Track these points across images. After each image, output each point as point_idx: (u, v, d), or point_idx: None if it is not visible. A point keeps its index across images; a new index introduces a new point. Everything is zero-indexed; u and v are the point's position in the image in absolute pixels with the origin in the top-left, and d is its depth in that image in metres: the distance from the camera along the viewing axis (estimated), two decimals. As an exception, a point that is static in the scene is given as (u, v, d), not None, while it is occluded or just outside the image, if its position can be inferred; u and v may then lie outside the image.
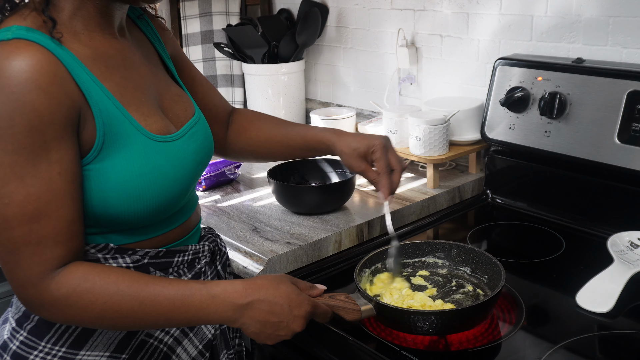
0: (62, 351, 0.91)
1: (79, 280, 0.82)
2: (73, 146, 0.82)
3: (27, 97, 0.77)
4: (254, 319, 0.87)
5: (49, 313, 0.84)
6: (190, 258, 1.00)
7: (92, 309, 0.83)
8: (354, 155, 1.12)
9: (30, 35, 0.79)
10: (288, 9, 2.16)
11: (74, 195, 0.82)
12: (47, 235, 0.80)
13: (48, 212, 0.80)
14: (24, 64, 0.77)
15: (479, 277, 1.12)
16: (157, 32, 1.08)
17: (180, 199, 0.96)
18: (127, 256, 0.91)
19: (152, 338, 0.97)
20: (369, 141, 1.12)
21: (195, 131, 1.00)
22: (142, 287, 0.85)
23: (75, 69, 0.83)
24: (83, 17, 0.88)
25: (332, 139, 1.15)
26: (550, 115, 1.38)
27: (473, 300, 1.07)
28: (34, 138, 0.78)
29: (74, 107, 0.82)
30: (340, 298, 0.99)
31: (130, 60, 0.94)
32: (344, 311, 0.98)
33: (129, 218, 0.89)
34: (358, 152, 1.12)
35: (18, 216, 0.79)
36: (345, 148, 1.13)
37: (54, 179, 0.80)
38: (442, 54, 1.75)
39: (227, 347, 1.07)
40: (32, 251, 0.80)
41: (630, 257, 1.16)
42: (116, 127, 0.86)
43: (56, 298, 0.82)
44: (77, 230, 0.84)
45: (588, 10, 1.42)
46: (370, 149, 1.12)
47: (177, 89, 1.04)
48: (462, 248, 1.16)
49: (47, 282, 0.81)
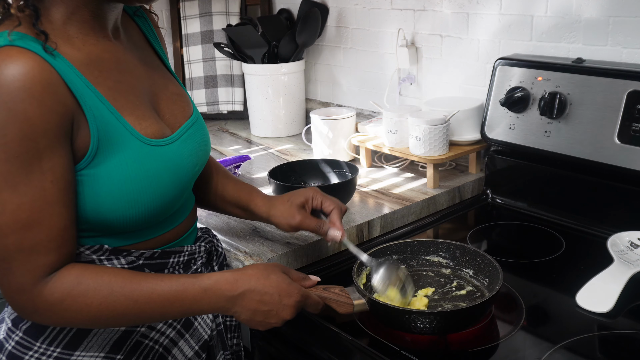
0: (57, 352, 0.91)
1: (72, 283, 0.83)
2: (66, 154, 0.82)
3: (20, 106, 0.76)
4: (245, 307, 0.90)
5: (43, 318, 0.84)
6: (186, 259, 1.00)
7: (87, 312, 0.83)
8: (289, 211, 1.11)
9: (23, 42, 0.79)
10: (288, 9, 2.16)
11: (67, 203, 0.83)
12: (40, 243, 0.81)
13: (41, 220, 0.80)
14: (17, 72, 0.76)
15: (480, 280, 1.12)
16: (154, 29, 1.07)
17: (175, 202, 0.96)
18: (122, 257, 0.91)
19: (148, 339, 0.97)
20: (303, 192, 1.13)
21: (192, 132, 0.99)
22: (135, 286, 0.85)
23: (69, 75, 0.82)
24: (77, 22, 0.87)
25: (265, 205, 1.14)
26: (550, 115, 1.37)
27: (469, 302, 1.07)
28: (27, 147, 0.78)
29: (67, 115, 0.81)
30: (334, 290, 1.00)
31: (124, 62, 0.93)
32: (336, 304, 0.99)
33: (123, 222, 0.88)
34: (294, 204, 1.11)
35: (10, 224, 0.79)
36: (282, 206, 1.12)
37: (46, 187, 0.80)
38: (442, 54, 1.75)
39: (223, 347, 1.07)
40: (25, 258, 0.80)
41: (630, 257, 1.16)
42: (110, 132, 0.85)
43: (50, 303, 0.82)
44: (70, 237, 0.84)
45: (588, 10, 1.42)
46: (308, 198, 1.12)
47: (175, 87, 1.03)
48: (465, 249, 1.16)
49: (39, 288, 0.82)
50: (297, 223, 1.10)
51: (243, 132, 2.12)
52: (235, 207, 1.18)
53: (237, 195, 1.17)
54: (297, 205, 1.11)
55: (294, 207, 1.11)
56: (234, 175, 1.26)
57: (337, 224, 1.10)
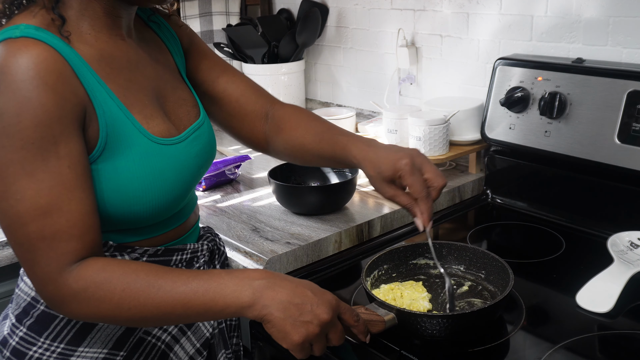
0: (60, 347, 0.92)
1: (97, 270, 0.81)
2: (80, 140, 0.82)
3: (34, 93, 0.77)
4: (274, 299, 0.80)
5: (70, 309, 0.82)
6: (189, 257, 1.00)
7: (110, 299, 0.81)
8: (379, 179, 0.99)
9: (37, 34, 0.80)
10: (288, 9, 2.16)
11: (85, 189, 0.82)
12: (61, 229, 0.80)
13: (60, 205, 0.80)
14: (31, 62, 0.77)
15: (474, 273, 1.12)
16: (174, 31, 1.07)
17: (179, 201, 0.96)
18: (126, 254, 0.92)
19: (150, 335, 0.97)
20: (395, 163, 0.97)
21: (198, 135, 0.99)
22: (160, 274, 0.82)
23: (81, 69, 0.83)
24: (90, 17, 0.88)
25: (359, 156, 1.01)
26: (550, 115, 1.38)
27: (477, 296, 1.07)
28: (42, 133, 0.78)
29: (80, 105, 0.82)
30: (361, 311, 0.94)
31: (135, 62, 0.94)
32: (368, 324, 0.92)
33: (128, 219, 0.89)
34: (383, 176, 0.98)
35: (31, 211, 0.79)
36: (371, 171, 0.99)
37: (63, 172, 0.80)
38: (442, 54, 1.75)
39: (225, 346, 1.07)
40: (48, 246, 0.80)
41: (630, 257, 1.16)
42: (119, 128, 0.86)
43: (75, 291, 0.80)
44: (92, 224, 0.83)
45: (588, 10, 1.42)
46: (397, 173, 0.97)
47: (184, 92, 1.03)
48: (476, 252, 1.14)
49: (65, 277, 0.80)
50: (389, 197, 1.00)
51: (243, 132, 2.11)
52: (330, 161, 1.08)
53: (332, 153, 1.05)
54: (386, 178, 0.98)
55: (384, 180, 0.98)
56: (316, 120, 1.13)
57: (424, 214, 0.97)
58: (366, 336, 0.91)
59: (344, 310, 0.86)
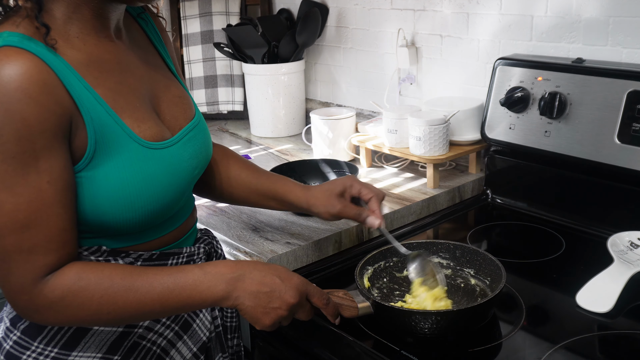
0: (54, 352, 0.91)
1: (73, 279, 0.82)
2: (64, 154, 0.82)
3: (16, 106, 0.76)
4: (245, 290, 0.88)
5: (44, 317, 0.84)
6: (185, 260, 1.00)
7: (88, 306, 0.83)
8: (329, 195, 1.13)
9: (21, 43, 0.79)
10: (288, 9, 2.16)
11: (65, 204, 0.82)
12: (39, 244, 0.80)
13: (38, 221, 0.80)
14: (13, 72, 0.76)
15: (481, 279, 1.12)
16: (159, 31, 1.07)
17: (174, 205, 0.95)
18: (120, 259, 0.91)
19: (145, 340, 0.96)
20: (342, 181, 1.15)
21: (193, 135, 0.99)
22: (135, 277, 0.85)
23: (67, 76, 0.82)
24: (78, 21, 0.86)
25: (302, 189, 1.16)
26: (550, 115, 1.38)
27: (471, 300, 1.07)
28: (23, 147, 0.77)
29: (65, 115, 0.81)
30: (338, 294, 0.99)
31: (125, 63, 0.93)
32: (340, 307, 0.98)
33: (121, 225, 0.88)
34: (334, 193, 1.13)
35: (9, 225, 0.79)
36: (320, 190, 1.14)
37: (43, 187, 0.80)
38: (442, 54, 1.75)
39: (222, 350, 1.06)
40: (24, 259, 0.80)
41: (630, 257, 1.16)
42: (108, 134, 0.85)
43: (51, 301, 0.82)
44: (70, 238, 0.84)
45: (588, 10, 1.42)
46: (346, 186, 1.14)
47: (177, 89, 1.02)
48: (466, 249, 1.16)
49: (40, 288, 0.81)
50: (337, 211, 1.13)
51: (243, 132, 2.12)
52: (270, 199, 1.18)
53: (272, 187, 1.17)
54: (336, 194, 1.14)
55: (334, 195, 1.14)
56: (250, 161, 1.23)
57: (377, 212, 1.12)
58: (335, 318, 0.97)
59: (313, 293, 0.94)
